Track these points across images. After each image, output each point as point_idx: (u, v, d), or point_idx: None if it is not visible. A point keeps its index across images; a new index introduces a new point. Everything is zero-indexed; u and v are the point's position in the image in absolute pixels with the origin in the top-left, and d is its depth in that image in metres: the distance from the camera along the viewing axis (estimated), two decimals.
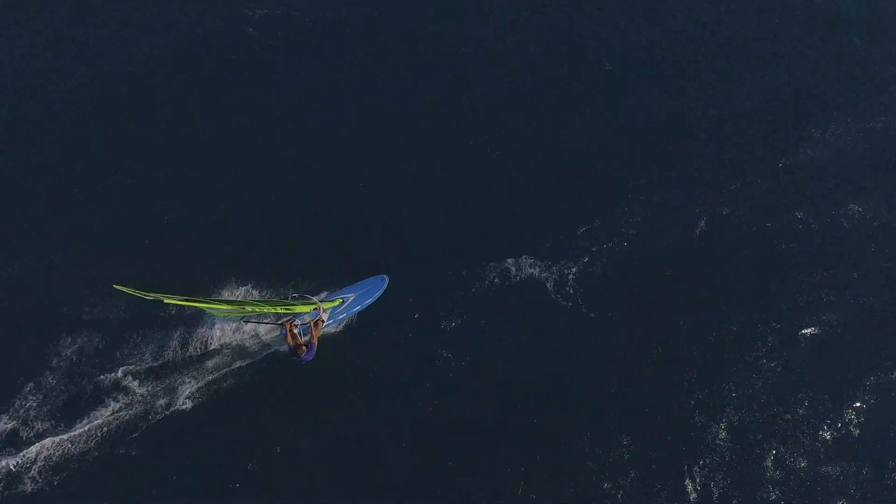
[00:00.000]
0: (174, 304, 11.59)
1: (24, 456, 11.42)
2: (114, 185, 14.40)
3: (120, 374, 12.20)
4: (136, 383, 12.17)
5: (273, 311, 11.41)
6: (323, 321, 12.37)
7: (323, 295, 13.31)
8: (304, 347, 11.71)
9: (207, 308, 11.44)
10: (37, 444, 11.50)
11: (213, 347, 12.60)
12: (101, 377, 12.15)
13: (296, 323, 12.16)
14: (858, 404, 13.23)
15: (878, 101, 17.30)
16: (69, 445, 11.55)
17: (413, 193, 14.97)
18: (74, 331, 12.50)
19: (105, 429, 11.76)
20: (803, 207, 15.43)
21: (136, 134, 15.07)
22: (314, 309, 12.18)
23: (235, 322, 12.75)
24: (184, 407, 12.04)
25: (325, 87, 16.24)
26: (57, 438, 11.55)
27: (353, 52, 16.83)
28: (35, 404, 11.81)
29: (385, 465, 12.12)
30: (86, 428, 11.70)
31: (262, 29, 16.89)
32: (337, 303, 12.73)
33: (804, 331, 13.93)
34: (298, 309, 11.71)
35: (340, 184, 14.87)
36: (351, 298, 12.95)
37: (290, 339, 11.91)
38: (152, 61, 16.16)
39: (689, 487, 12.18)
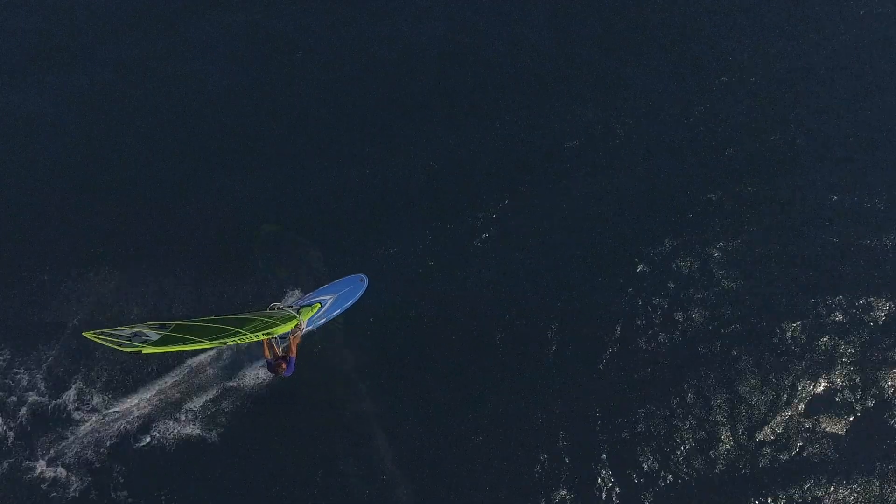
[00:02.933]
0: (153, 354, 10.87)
1: None
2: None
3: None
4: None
5: (257, 339, 10.54)
6: (302, 328, 11.61)
7: (296, 294, 12.55)
8: (283, 363, 10.98)
9: (190, 349, 10.54)
10: None
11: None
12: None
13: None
14: None
15: None
16: None
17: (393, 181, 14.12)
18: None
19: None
20: None
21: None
22: (295, 325, 11.36)
23: None
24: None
25: (296, 74, 15.26)
26: None
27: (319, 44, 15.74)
28: None
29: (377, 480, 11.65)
30: None
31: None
32: (315, 309, 11.95)
33: None
34: (280, 330, 10.88)
35: (312, 174, 14.02)
36: (329, 301, 12.19)
37: (267, 352, 11.15)
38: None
39: None
